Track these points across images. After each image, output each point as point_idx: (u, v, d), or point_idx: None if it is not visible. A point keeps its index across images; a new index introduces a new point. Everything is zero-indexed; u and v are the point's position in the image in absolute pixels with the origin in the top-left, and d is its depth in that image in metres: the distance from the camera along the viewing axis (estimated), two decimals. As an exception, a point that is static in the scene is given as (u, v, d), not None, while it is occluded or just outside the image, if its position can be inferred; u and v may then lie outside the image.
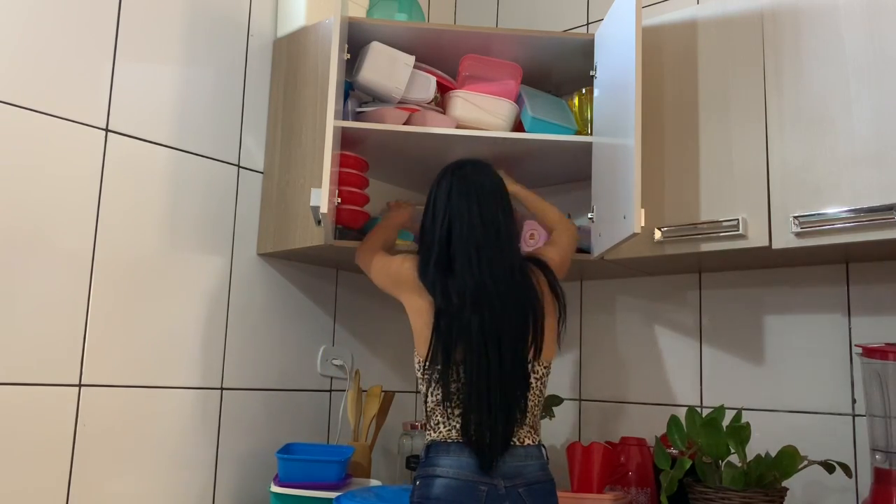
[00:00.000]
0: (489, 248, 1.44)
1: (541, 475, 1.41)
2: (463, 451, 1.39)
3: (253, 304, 1.90)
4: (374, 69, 1.75)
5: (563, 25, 2.26)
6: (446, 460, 1.39)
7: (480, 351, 1.38)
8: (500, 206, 1.49)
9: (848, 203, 1.43)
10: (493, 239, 1.45)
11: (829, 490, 1.66)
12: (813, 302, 1.75)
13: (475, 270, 1.42)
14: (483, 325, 1.39)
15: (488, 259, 1.43)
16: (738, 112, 1.60)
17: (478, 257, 1.43)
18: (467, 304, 1.40)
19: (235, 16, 1.93)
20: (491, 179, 1.52)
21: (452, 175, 1.52)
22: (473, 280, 1.41)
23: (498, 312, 1.40)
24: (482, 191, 1.49)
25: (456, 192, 1.48)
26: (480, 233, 1.45)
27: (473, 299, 1.40)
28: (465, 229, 1.45)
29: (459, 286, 1.41)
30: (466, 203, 1.47)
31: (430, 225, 1.51)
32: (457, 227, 1.46)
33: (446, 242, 1.46)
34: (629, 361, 2.03)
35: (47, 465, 1.51)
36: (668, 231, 1.65)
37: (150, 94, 1.74)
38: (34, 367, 1.51)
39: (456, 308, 1.40)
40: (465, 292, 1.41)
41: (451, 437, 1.41)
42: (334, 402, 2.06)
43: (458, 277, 1.42)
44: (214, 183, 1.85)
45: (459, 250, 1.44)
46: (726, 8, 1.64)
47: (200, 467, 1.77)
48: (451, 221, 1.46)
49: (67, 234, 1.57)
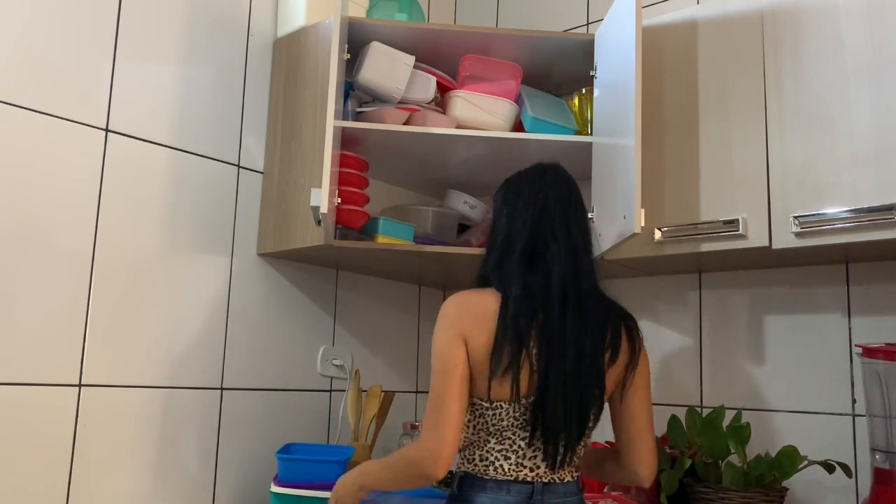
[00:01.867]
0: (582, 242, 1.33)
1: None
2: (501, 489, 1.27)
3: (253, 304, 1.90)
4: (374, 69, 1.75)
5: (563, 25, 2.26)
6: (483, 497, 1.27)
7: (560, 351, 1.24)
8: (586, 218, 1.39)
9: (848, 203, 1.43)
10: (586, 245, 1.34)
11: (829, 490, 1.66)
12: (813, 302, 1.75)
13: (569, 259, 1.29)
14: (566, 324, 1.25)
15: (576, 257, 1.30)
16: (738, 112, 1.60)
17: (567, 250, 1.30)
18: (554, 291, 1.26)
19: (235, 16, 1.93)
20: (575, 190, 1.40)
21: (546, 171, 1.39)
22: (568, 267, 1.28)
23: (586, 312, 1.27)
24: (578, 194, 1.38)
25: (551, 182, 1.36)
26: (577, 232, 1.33)
27: (562, 294, 1.26)
28: (559, 217, 1.32)
29: (548, 270, 1.28)
30: (567, 199, 1.35)
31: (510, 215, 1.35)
32: (549, 212, 1.32)
33: (535, 229, 1.31)
34: (629, 361, 2.03)
35: (47, 465, 1.51)
36: (668, 231, 1.65)
37: (150, 94, 1.74)
38: (34, 367, 1.50)
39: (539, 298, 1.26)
40: (553, 276, 1.27)
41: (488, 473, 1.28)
42: (334, 402, 2.06)
43: (546, 265, 1.28)
44: (214, 183, 1.85)
45: (551, 239, 1.30)
46: (726, 8, 1.64)
47: (200, 467, 1.77)
48: (544, 208, 1.33)
49: (67, 234, 1.57)
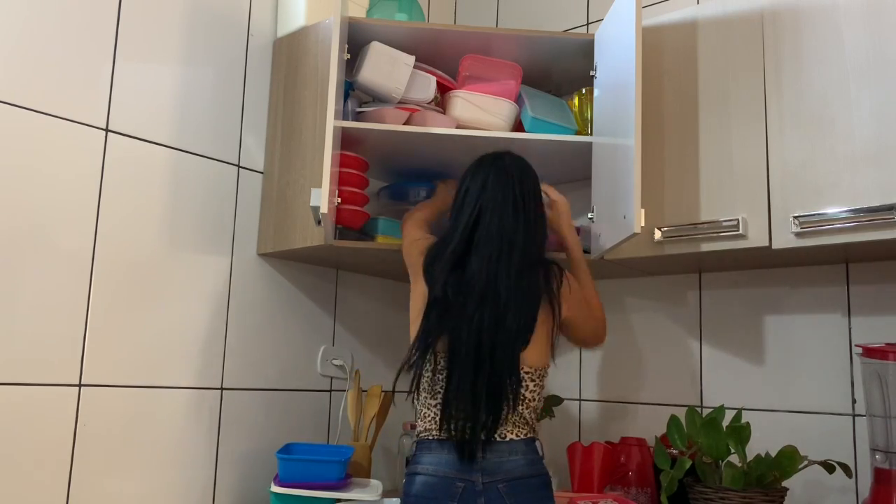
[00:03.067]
0: (516, 236, 1.42)
1: (528, 470, 1.40)
2: (442, 448, 1.40)
3: (253, 304, 1.90)
4: (374, 69, 1.75)
5: (563, 25, 2.26)
6: (428, 457, 1.41)
7: (473, 345, 1.37)
8: (533, 200, 1.48)
9: (848, 203, 1.43)
10: (522, 235, 1.43)
11: (829, 490, 1.66)
12: (813, 302, 1.75)
13: (493, 265, 1.40)
14: (483, 320, 1.38)
15: (510, 248, 1.41)
16: (738, 112, 1.60)
17: (499, 252, 1.41)
18: (474, 297, 1.39)
19: (235, 16, 1.93)
20: (529, 175, 1.50)
21: (491, 166, 1.49)
22: (489, 273, 1.40)
23: (502, 311, 1.39)
24: (520, 188, 1.46)
25: (492, 183, 1.46)
26: (510, 227, 1.42)
27: (482, 293, 1.39)
28: (495, 221, 1.43)
29: (469, 278, 1.41)
30: (502, 192, 1.44)
31: (456, 213, 1.49)
32: (486, 219, 1.43)
33: (471, 231, 1.44)
34: (629, 361, 2.03)
35: (47, 465, 1.51)
36: (668, 231, 1.65)
37: (149, 94, 1.74)
38: (34, 367, 1.50)
39: (453, 301, 1.40)
40: (474, 285, 1.40)
41: (432, 433, 1.42)
42: (334, 402, 2.06)
43: (473, 269, 1.41)
44: (214, 183, 1.85)
45: (483, 242, 1.42)
46: (726, 8, 1.64)
47: (200, 467, 1.77)
48: (482, 212, 1.44)
49: (67, 234, 1.57)
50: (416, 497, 1.39)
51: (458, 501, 1.36)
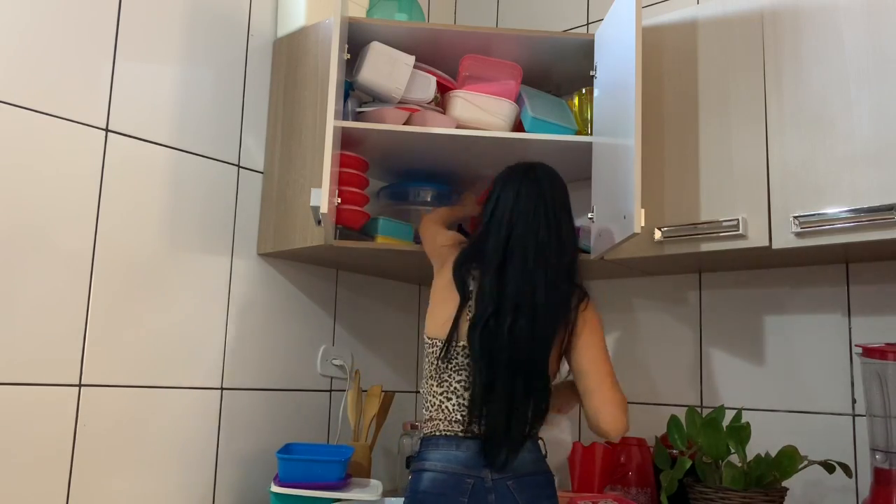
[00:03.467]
0: (550, 253, 1.44)
1: (533, 468, 1.42)
2: (452, 445, 1.41)
3: (253, 304, 1.90)
4: (374, 69, 1.75)
5: (563, 25, 2.26)
6: (436, 454, 1.42)
7: (508, 350, 1.39)
8: (565, 216, 1.50)
9: (848, 203, 1.43)
10: (555, 245, 1.45)
11: (829, 490, 1.66)
12: (813, 302, 1.75)
13: (529, 275, 1.42)
14: (519, 328, 1.39)
15: (544, 262, 1.43)
16: (738, 112, 1.60)
17: (534, 263, 1.43)
18: (508, 304, 1.40)
19: (235, 16, 1.93)
20: (561, 188, 1.52)
21: (524, 177, 1.51)
22: (527, 283, 1.41)
23: (538, 318, 1.41)
24: (552, 197, 1.48)
25: (525, 195, 1.48)
26: (544, 237, 1.45)
27: (516, 301, 1.41)
28: (530, 234, 1.45)
29: (506, 285, 1.42)
30: (534, 206, 1.46)
31: (487, 222, 1.50)
32: (519, 229, 1.45)
33: (505, 242, 1.45)
34: (629, 361, 2.03)
35: (47, 465, 1.51)
36: (668, 231, 1.65)
37: (150, 94, 1.73)
38: (34, 367, 1.50)
39: (502, 314, 1.41)
40: (510, 293, 1.41)
41: (440, 430, 1.43)
42: (334, 402, 2.06)
43: (513, 280, 1.42)
44: (214, 183, 1.85)
45: (518, 253, 1.44)
46: (726, 8, 1.64)
47: (200, 467, 1.77)
48: (515, 223, 1.46)
49: (67, 234, 1.57)
50: (424, 493, 1.39)
51: (469, 497, 1.37)
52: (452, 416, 1.43)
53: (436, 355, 1.46)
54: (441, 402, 1.44)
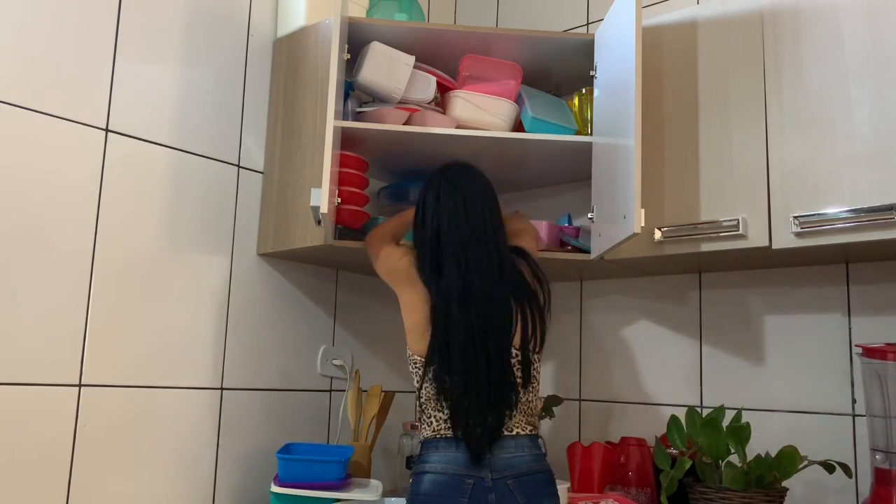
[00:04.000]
0: (476, 246, 1.48)
1: (534, 466, 1.42)
2: (451, 446, 1.42)
3: (253, 304, 1.90)
4: (374, 69, 1.75)
5: (563, 25, 2.26)
6: (435, 456, 1.43)
7: (467, 346, 1.42)
8: (486, 205, 1.54)
9: (848, 203, 1.43)
10: (480, 237, 1.49)
11: (829, 490, 1.66)
12: (813, 302, 1.75)
13: (462, 269, 1.46)
14: (469, 322, 1.42)
15: (476, 258, 1.47)
16: (738, 112, 1.60)
17: (465, 256, 1.47)
18: (454, 302, 1.44)
19: (235, 16, 1.93)
20: (477, 180, 1.57)
21: (441, 177, 1.57)
22: (460, 278, 1.45)
23: (483, 309, 1.43)
24: (469, 191, 1.54)
25: (444, 194, 1.54)
26: (467, 231, 1.49)
27: (460, 297, 1.44)
28: (453, 229, 1.50)
29: (447, 285, 1.46)
30: (453, 203, 1.52)
31: (419, 226, 1.56)
32: (444, 227, 1.50)
33: (436, 242, 1.51)
34: (629, 361, 2.03)
35: (47, 465, 1.51)
36: (668, 231, 1.65)
37: (150, 94, 1.74)
38: (34, 367, 1.50)
39: (444, 306, 1.45)
40: (451, 291, 1.45)
41: (440, 433, 1.44)
42: (334, 402, 2.06)
43: (446, 276, 1.47)
44: (214, 183, 1.85)
45: (447, 250, 1.49)
46: (726, 8, 1.64)
47: (200, 467, 1.77)
48: (440, 222, 1.51)
49: (67, 234, 1.57)
50: (425, 495, 1.40)
51: (469, 498, 1.38)
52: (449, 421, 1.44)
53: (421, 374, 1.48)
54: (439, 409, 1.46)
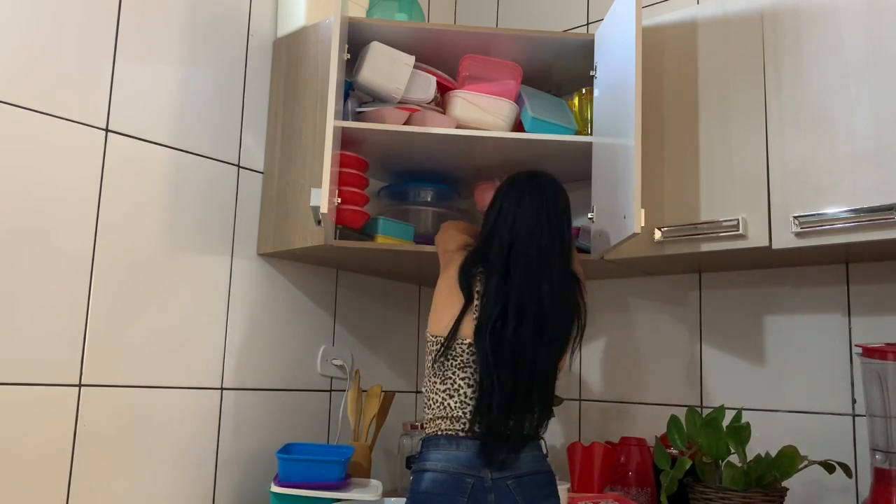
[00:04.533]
0: (552, 258, 1.46)
1: (534, 466, 1.42)
2: (452, 444, 1.42)
3: (253, 304, 1.90)
4: (374, 69, 1.75)
5: (563, 25, 2.26)
6: (436, 454, 1.42)
7: (513, 356, 1.40)
8: (566, 222, 1.52)
9: (848, 203, 1.43)
10: (558, 251, 1.47)
11: (829, 490, 1.66)
12: (813, 302, 1.75)
13: (535, 281, 1.43)
14: (524, 334, 1.41)
15: (548, 268, 1.45)
16: (738, 112, 1.60)
17: (538, 266, 1.44)
18: (513, 309, 1.42)
19: (235, 16, 1.93)
20: (563, 195, 1.54)
21: (527, 184, 1.52)
22: (532, 289, 1.43)
23: (545, 324, 1.43)
24: (554, 204, 1.50)
25: (528, 202, 1.49)
26: (547, 244, 1.46)
27: (520, 306, 1.42)
28: (532, 239, 1.46)
29: (510, 290, 1.43)
30: (536, 213, 1.48)
31: (490, 228, 1.51)
32: (521, 235, 1.46)
33: (509, 249, 1.46)
34: (629, 361, 2.03)
35: (47, 465, 1.51)
36: (668, 231, 1.65)
37: (150, 94, 1.74)
38: (34, 367, 1.50)
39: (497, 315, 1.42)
40: (514, 298, 1.42)
41: (442, 429, 1.44)
42: (334, 402, 2.06)
43: (515, 282, 1.43)
44: (214, 183, 1.85)
45: (522, 259, 1.45)
46: (726, 8, 1.64)
47: (200, 467, 1.77)
48: (518, 229, 1.47)
49: (67, 234, 1.57)
50: (425, 494, 1.40)
51: (469, 497, 1.38)
52: (454, 414, 1.43)
53: (439, 352, 1.46)
54: (444, 400, 1.45)
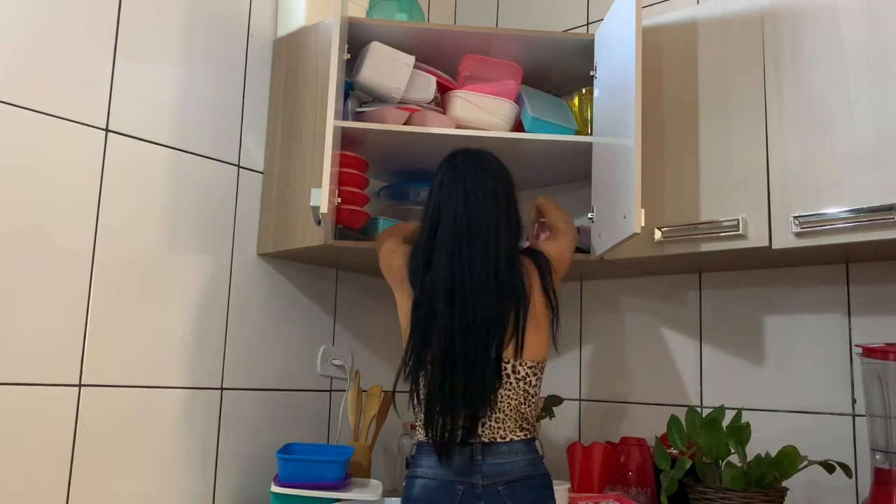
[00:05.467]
0: (473, 240, 1.40)
1: (527, 471, 1.39)
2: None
3: (253, 304, 1.90)
4: (374, 69, 1.75)
5: (563, 25, 2.26)
6: (426, 461, 1.40)
7: (446, 345, 1.37)
8: (492, 198, 1.45)
9: (848, 203, 1.43)
10: (478, 231, 1.41)
11: (829, 490, 1.66)
12: (813, 302, 1.75)
13: (455, 264, 1.39)
14: (452, 319, 1.37)
15: (468, 253, 1.40)
16: (738, 112, 1.60)
17: (458, 250, 1.40)
18: (440, 297, 1.38)
19: (235, 16, 1.93)
20: (488, 171, 1.48)
21: (446, 165, 1.50)
22: (450, 273, 1.39)
23: (470, 308, 1.37)
24: (475, 181, 1.45)
25: (447, 182, 1.46)
26: (464, 225, 1.41)
27: (446, 293, 1.38)
28: (450, 220, 1.42)
29: (434, 279, 1.40)
30: (454, 194, 1.44)
31: (423, 215, 1.49)
32: (443, 218, 1.43)
33: (433, 232, 1.44)
34: (629, 361, 2.03)
35: (47, 465, 1.51)
36: (668, 231, 1.65)
37: (150, 94, 1.74)
38: (34, 367, 1.51)
39: (428, 301, 1.39)
40: (438, 285, 1.39)
41: (428, 437, 1.41)
42: (334, 402, 2.06)
43: (434, 269, 1.41)
44: (214, 183, 1.85)
45: (441, 242, 1.42)
46: (726, 8, 1.64)
47: (200, 467, 1.77)
48: (440, 212, 1.44)
49: (67, 234, 1.57)
50: (416, 501, 1.39)
51: None
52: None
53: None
54: (420, 411, 1.43)
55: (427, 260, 1.43)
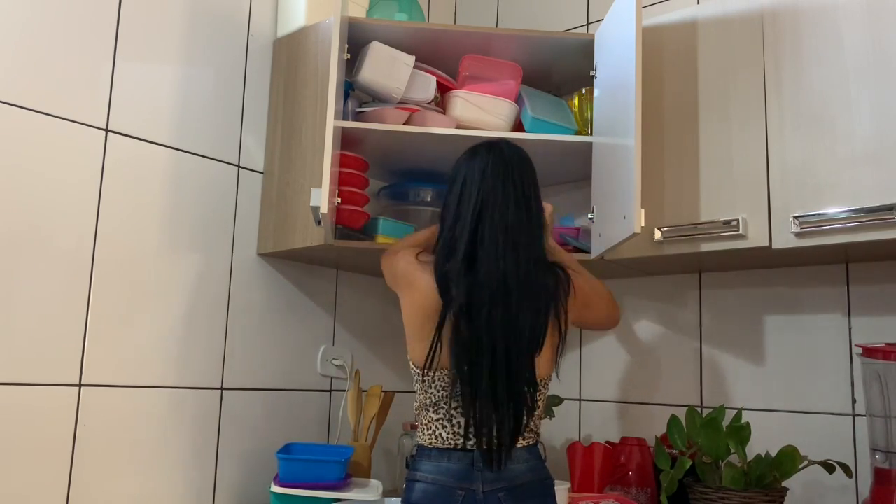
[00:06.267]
0: (521, 233, 1.35)
1: (529, 477, 1.37)
2: (443, 457, 1.37)
3: (253, 304, 1.90)
4: (374, 69, 1.75)
5: (563, 25, 2.26)
6: (427, 465, 1.38)
7: (489, 350, 1.32)
8: (534, 192, 1.40)
9: (848, 203, 1.43)
10: (526, 225, 1.36)
11: (829, 490, 1.66)
12: (813, 302, 1.75)
13: (502, 263, 1.32)
14: (495, 322, 1.31)
15: (515, 245, 1.33)
16: (738, 112, 1.60)
17: (506, 243, 1.33)
18: (487, 300, 1.31)
19: (235, 16, 1.93)
20: (528, 162, 1.42)
21: (489, 153, 1.41)
22: (500, 269, 1.32)
23: (516, 305, 1.32)
24: (520, 172, 1.39)
25: (491, 171, 1.37)
26: (514, 216, 1.35)
27: (496, 291, 1.31)
28: (498, 212, 1.35)
29: (485, 277, 1.32)
30: (502, 183, 1.36)
31: (455, 205, 1.39)
32: (489, 209, 1.35)
33: (475, 224, 1.35)
34: (629, 361, 2.03)
35: (47, 465, 1.51)
36: (668, 231, 1.65)
37: (150, 94, 1.74)
38: (34, 368, 1.50)
39: (476, 306, 1.32)
40: (490, 283, 1.32)
41: (433, 442, 1.39)
42: (334, 402, 2.06)
43: (484, 265, 1.33)
44: (214, 183, 1.85)
45: (488, 234, 1.34)
46: (726, 8, 1.64)
47: (200, 467, 1.77)
48: (484, 202, 1.36)
49: (67, 233, 1.57)
50: None
51: None
52: (448, 444, 1.38)
53: (424, 383, 1.41)
54: (436, 430, 1.39)
55: (471, 257, 1.34)
